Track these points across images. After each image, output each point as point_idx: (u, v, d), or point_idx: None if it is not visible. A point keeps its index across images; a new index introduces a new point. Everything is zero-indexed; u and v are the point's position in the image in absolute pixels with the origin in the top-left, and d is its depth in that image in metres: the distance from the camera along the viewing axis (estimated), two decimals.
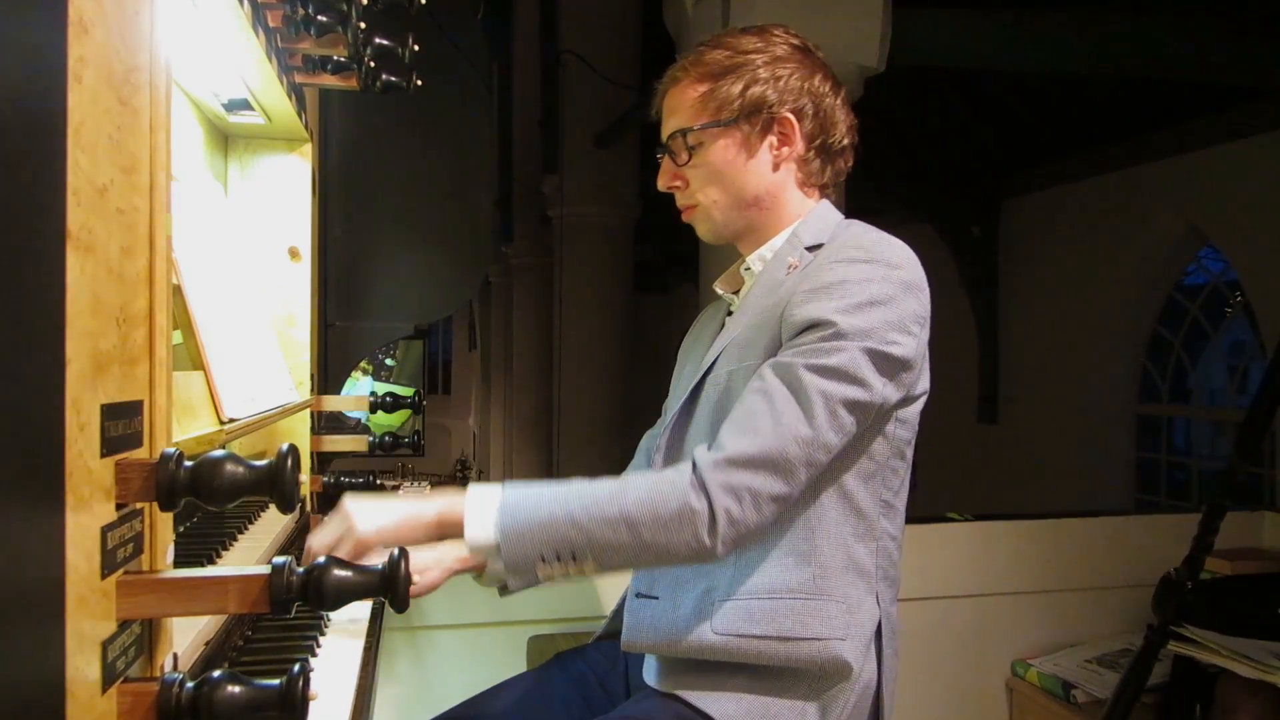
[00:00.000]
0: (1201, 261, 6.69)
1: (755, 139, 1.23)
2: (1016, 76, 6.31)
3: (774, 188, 1.25)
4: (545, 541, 1.04)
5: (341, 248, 2.40)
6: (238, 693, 0.71)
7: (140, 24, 0.72)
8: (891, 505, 1.20)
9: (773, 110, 1.22)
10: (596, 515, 1.04)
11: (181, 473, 0.68)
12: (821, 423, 1.05)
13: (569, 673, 1.35)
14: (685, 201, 1.29)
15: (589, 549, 1.04)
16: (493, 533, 1.05)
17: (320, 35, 1.35)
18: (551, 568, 1.05)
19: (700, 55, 1.25)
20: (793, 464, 1.04)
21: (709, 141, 1.24)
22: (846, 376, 1.06)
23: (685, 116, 1.25)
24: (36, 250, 0.56)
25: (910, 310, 1.12)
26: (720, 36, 1.27)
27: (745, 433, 1.05)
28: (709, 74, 1.23)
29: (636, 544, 1.04)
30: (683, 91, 1.25)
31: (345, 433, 2.01)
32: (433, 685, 2.04)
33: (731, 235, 1.30)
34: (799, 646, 1.12)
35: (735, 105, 1.21)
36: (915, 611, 2.34)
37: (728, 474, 1.04)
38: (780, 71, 1.22)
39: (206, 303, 1.23)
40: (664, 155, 1.29)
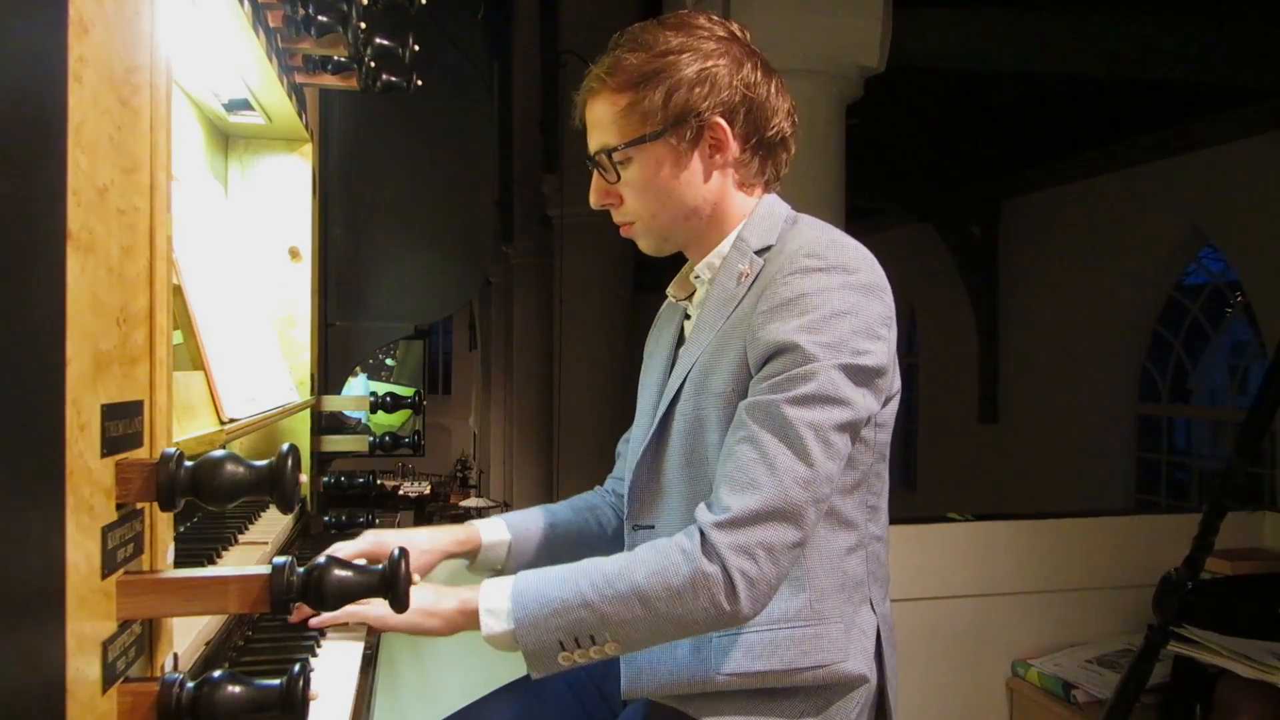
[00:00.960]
0: (1201, 261, 6.70)
1: (685, 149, 1.14)
2: (1016, 76, 6.30)
3: (711, 195, 1.18)
4: (560, 628, 1.02)
5: (341, 248, 2.40)
6: (238, 693, 0.71)
7: (140, 24, 0.72)
8: (876, 508, 1.19)
9: (701, 117, 1.13)
10: (608, 594, 1.02)
11: (182, 473, 0.68)
12: (818, 457, 1.02)
13: (566, 678, 1.34)
14: (621, 219, 1.23)
15: (606, 630, 1.02)
16: (509, 624, 1.04)
17: (320, 35, 1.35)
18: (573, 654, 1.03)
19: (618, 61, 1.15)
20: (800, 508, 1.01)
21: (637, 157, 1.16)
22: (828, 400, 1.02)
23: (607, 132, 1.17)
24: (37, 250, 0.56)
25: (875, 314, 1.08)
26: (639, 34, 1.17)
27: (744, 488, 1.02)
28: (628, 82, 1.14)
29: (653, 618, 1.01)
30: (604, 104, 1.17)
31: (345, 433, 2.01)
32: (433, 685, 2.04)
33: (674, 247, 1.24)
34: (801, 675, 1.11)
35: (659, 117, 1.12)
36: (915, 611, 2.34)
37: (736, 535, 1.00)
38: (706, 70, 1.12)
39: (207, 303, 1.23)
40: (594, 169, 1.22)
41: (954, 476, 8.71)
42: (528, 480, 9.86)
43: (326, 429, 1.96)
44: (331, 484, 1.87)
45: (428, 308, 2.65)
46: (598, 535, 1.39)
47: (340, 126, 2.35)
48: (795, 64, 3.17)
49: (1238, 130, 5.74)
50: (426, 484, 12.20)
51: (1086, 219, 7.11)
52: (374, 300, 2.49)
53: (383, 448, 1.94)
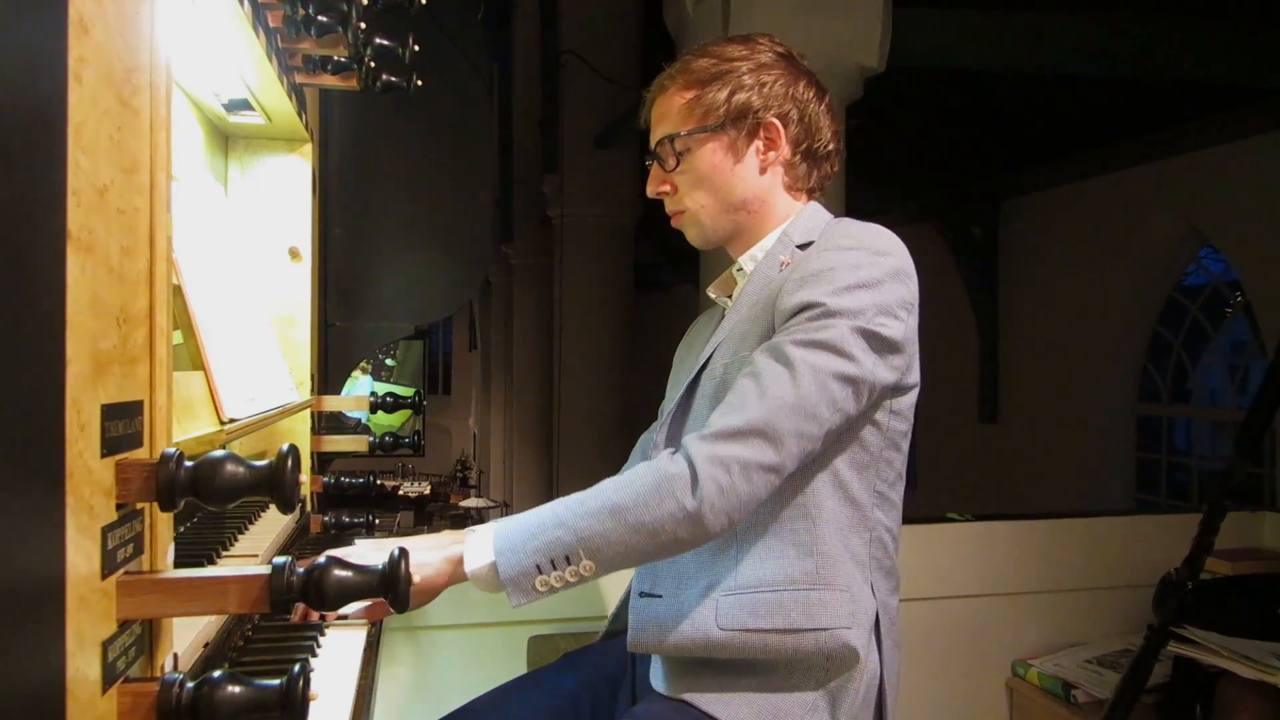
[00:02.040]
0: (1201, 261, 6.69)
1: (741, 144, 1.25)
2: (1016, 76, 6.30)
3: (761, 191, 1.27)
4: (538, 549, 1.05)
5: (341, 248, 2.40)
6: (238, 693, 0.71)
7: (140, 24, 0.72)
8: (886, 497, 1.20)
9: (758, 115, 1.24)
10: (580, 511, 1.06)
11: (182, 473, 0.69)
12: (809, 391, 1.05)
13: (578, 674, 1.35)
14: (674, 207, 1.31)
15: (580, 547, 1.04)
16: (489, 554, 1.07)
17: (320, 35, 1.35)
18: (549, 576, 1.05)
19: (687, 64, 1.27)
20: (780, 433, 1.04)
21: (696, 147, 1.26)
22: (835, 350, 1.07)
23: (672, 123, 1.27)
24: (37, 250, 0.56)
25: (898, 295, 1.13)
26: (706, 45, 1.29)
27: (731, 410, 1.06)
28: (695, 81, 1.26)
29: (624, 528, 1.03)
30: (670, 99, 1.28)
31: (345, 433, 2.01)
32: (433, 685, 2.04)
33: (720, 239, 1.32)
34: (805, 637, 1.12)
35: (721, 111, 1.24)
36: (915, 611, 2.34)
37: (713, 446, 1.04)
38: (765, 78, 1.25)
39: (207, 303, 1.23)
40: (653, 162, 1.31)
41: (954, 476, 8.71)
42: (528, 480, 9.86)
43: (326, 429, 1.96)
44: (331, 484, 1.87)
45: (428, 308, 2.65)
46: None
47: (340, 126, 2.35)
48: None
49: (1238, 130, 5.73)
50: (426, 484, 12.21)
51: (1087, 219, 7.11)
52: (374, 300, 2.49)
53: (382, 448, 1.93)
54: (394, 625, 1.99)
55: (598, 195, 7.40)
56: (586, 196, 7.38)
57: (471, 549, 1.09)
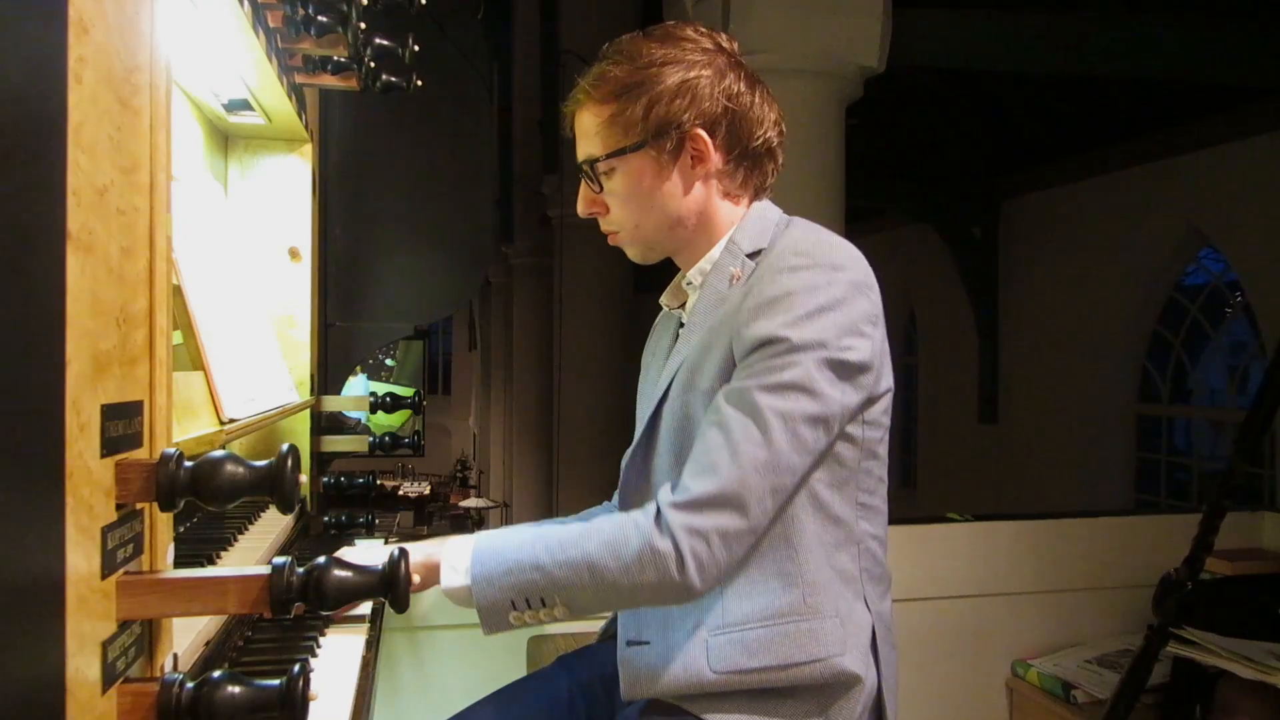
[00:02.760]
0: (1201, 261, 6.69)
1: (667, 160, 1.16)
2: (1016, 76, 6.30)
3: (696, 206, 1.19)
4: (513, 587, 1.05)
5: (341, 248, 2.40)
6: (238, 693, 0.71)
7: (140, 24, 0.72)
8: (869, 506, 1.18)
9: (681, 128, 1.14)
10: (560, 559, 1.04)
11: (181, 473, 0.69)
12: (781, 445, 1.02)
13: (572, 677, 1.34)
14: (608, 227, 1.24)
15: (556, 593, 1.05)
16: (465, 579, 1.07)
17: (320, 35, 1.35)
18: (523, 614, 1.06)
19: (603, 73, 1.17)
20: (757, 495, 1.02)
21: (620, 168, 1.17)
22: (802, 390, 1.03)
23: (592, 143, 1.19)
24: (37, 250, 0.56)
25: (861, 311, 1.09)
26: (625, 45, 1.19)
27: (705, 471, 1.03)
28: (611, 94, 1.16)
29: (601, 586, 1.04)
30: (588, 115, 1.19)
31: (345, 433, 2.01)
32: (433, 685, 2.04)
33: (662, 255, 1.26)
34: (801, 671, 1.11)
35: (639, 128, 1.14)
36: (915, 611, 2.34)
37: (690, 516, 1.02)
38: (687, 81, 1.14)
39: (206, 303, 1.23)
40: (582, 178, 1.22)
41: (954, 476, 8.70)
42: (527, 480, 9.86)
43: (326, 429, 1.95)
44: (331, 484, 1.87)
45: (428, 308, 2.64)
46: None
47: (340, 126, 2.35)
48: (795, 64, 3.17)
49: (1238, 130, 5.74)
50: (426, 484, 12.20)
51: (1086, 219, 7.11)
52: (374, 300, 2.49)
53: (382, 448, 1.94)
54: (394, 625, 1.99)
55: None
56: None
57: (449, 565, 1.09)
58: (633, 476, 1.22)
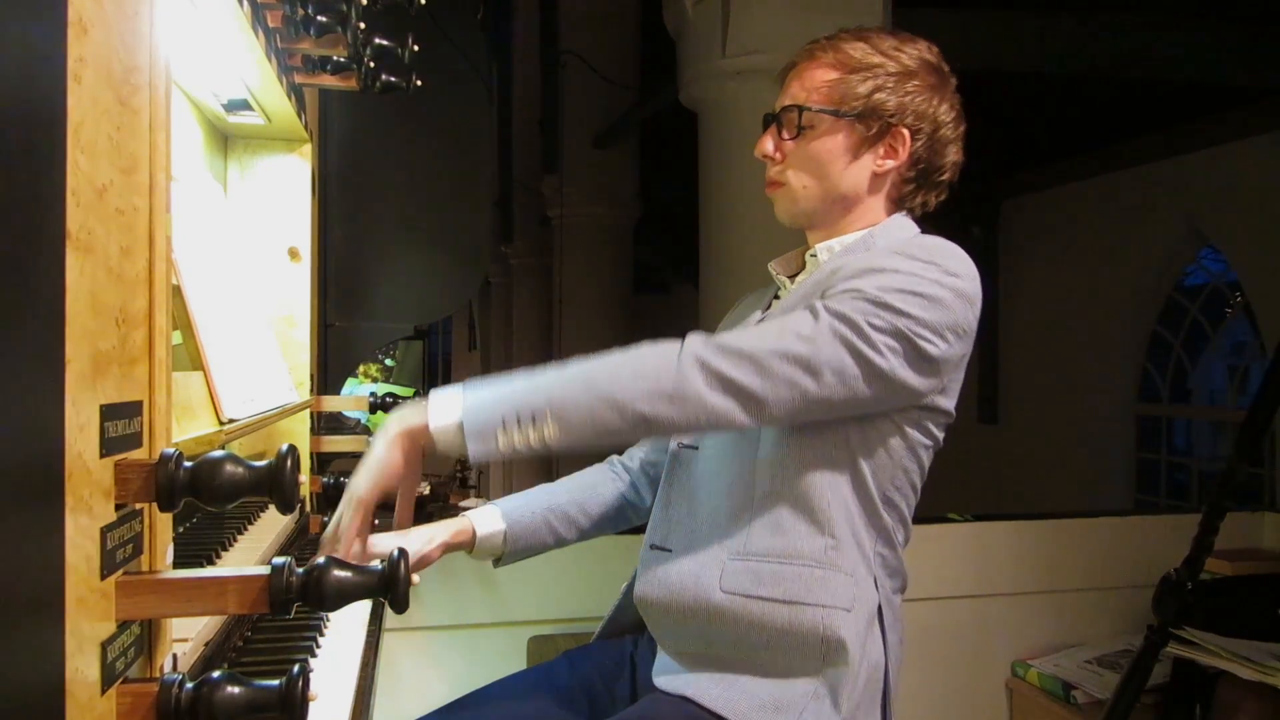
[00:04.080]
0: (1201, 261, 6.69)
1: (864, 142, 1.22)
2: (1016, 76, 6.29)
3: (864, 193, 1.25)
4: (506, 405, 1.02)
5: (341, 248, 2.40)
6: (237, 693, 0.70)
7: (140, 24, 0.72)
8: (896, 505, 1.21)
9: (890, 120, 1.20)
10: (555, 377, 1.05)
11: (181, 473, 0.68)
12: (822, 350, 1.04)
13: (576, 671, 1.35)
14: (776, 175, 1.27)
15: (548, 407, 1.02)
16: (457, 412, 1.04)
17: (320, 35, 1.35)
18: (512, 434, 1.02)
19: (839, 42, 1.24)
20: (774, 371, 1.04)
21: (819, 125, 1.22)
22: (860, 332, 1.05)
23: (807, 95, 1.23)
24: (36, 250, 0.56)
25: (953, 318, 1.10)
26: (864, 30, 1.26)
27: (748, 334, 1.07)
28: (844, 63, 1.22)
29: (591, 395, 1.02)
30: (813, 70, 1.24)
31: (345, 433, 2.01)
32: (433, 685, 2.04)
33: (806, 223, 1.29)
34: (803, 612, 1.12)
35: (858, 103, 1.20)
36: (915, 611, 2.33)
37: (707, 351, 1.03)
38: (910, 85, 1.21)
39: (206, 303, 1.23)
40: (772, 125, 1.26)
41: (954, 476, 8.67)
42: (527, 480, 9.83)
43: (326, 429, 1.95)
44: (331, 484, 1.87)
45: (427, 308, 2.65)
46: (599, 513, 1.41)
47: (340, 126, 2.35)
48: None
49: (1238, 130, 5.73)
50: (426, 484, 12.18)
51: (1086, 219, 7.10)
52: (374, 300, 2.49)
53: None
54: (394, 625, 1.99)
55: (597, 196, 7.39)
56: (586, 197, 7.38)
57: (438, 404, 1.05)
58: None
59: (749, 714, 1.11)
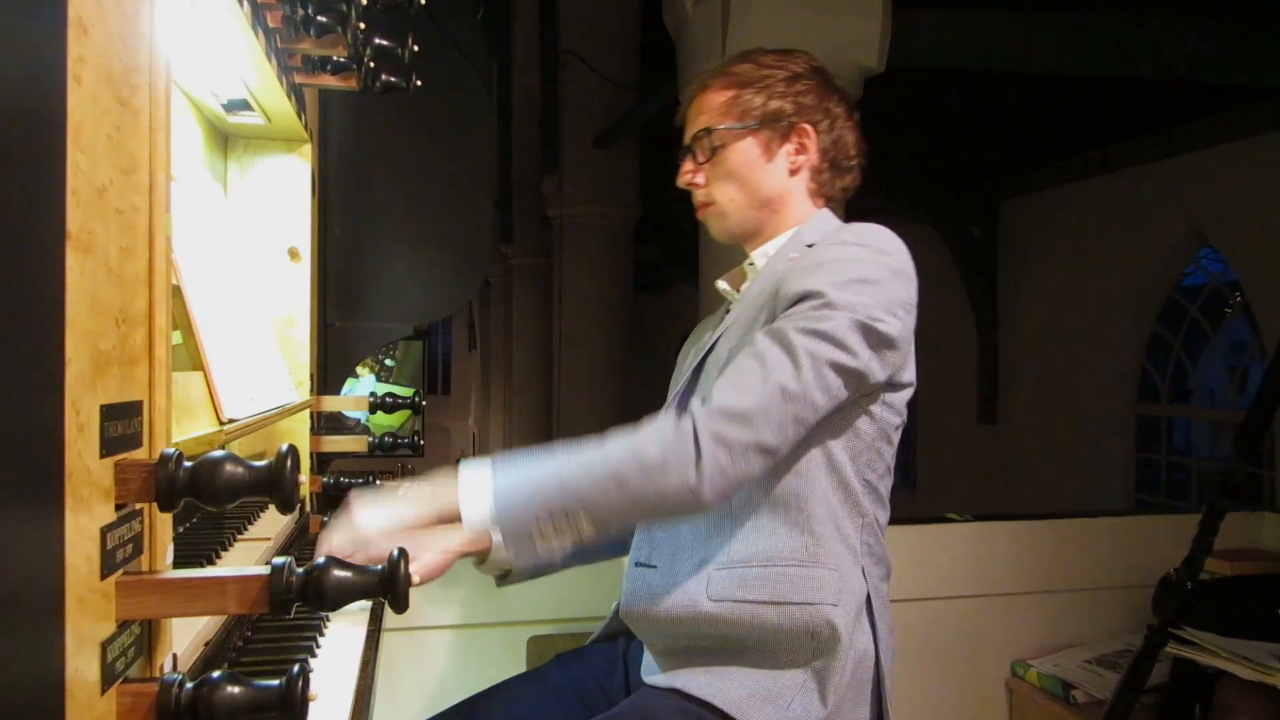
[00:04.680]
0: (1201, 261, 6.69)
1: (774, 144, 1.30)
2: (1016, 76, 6.30)
3: (786, 192, 1.32)
4: (539, 507, 1.06)
5: (341, 248, 2.40)
6: (237, 693, 0.71)
7: (140, 24, 0.72)
8: (875, 489, 1.24)
9: (792, 119, 1.30)
10: (583, 473, 1.07)
11: (181, 473, 0.68)
12: (809, 380, 1.09)
13: (568, 674, 1.36)
14: (703, 198, 1.35)
15: (581, 507, 1.06)
16: (488, 508, 1.07)
17: (320, 35, 1.35)
18: (548, 536, 1.06)
19: (727, 66, 1.34)
20: (780, 418, 1.08)
21: (731, 141, 1.31)
22: (834, 341, 1.11)
23: (710, 117, 1.32)
24: (36, 250, 0.56)
25: (897, 295, 1.17)
26: (747, 52, 1.36)
27: (735, 388, 1.10)
28: (735, 82, 1.32)
29: (624, 497, 1.06)
30: (709, 95, 1.33)
31: (345, 433, 2.01)
32: (433, 685, 2.04)
33: (742, 235, 1.36)
34: (791, 611, 1.14)
35: (757, 113, 1.29)
36: (915, 611, 2.34)
37: (717, 424, 1.07)
38: (799, 88, 1.30)
39: (206, 303, 1.23)
40: (687, 156, 1.35)
41: (954, 476, 8.70)
42: None
43: (325, 429, 1.95)
44: (330, 484, 1.87)
45: (427, 308, 2.64)
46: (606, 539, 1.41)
47: (340, 126, 2.35)
48: None
49: (1238, 130, 5.73)
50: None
51: (1086, 219, 7.11)
52: (374, 300, 2.49)
53: (382, 448, 1.93)
54: (394, 625, 1.99)
55: (597, 195, 7.39)
56: (586, 197, 7.38)
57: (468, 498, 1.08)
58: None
59: (738, 702, 1.13)
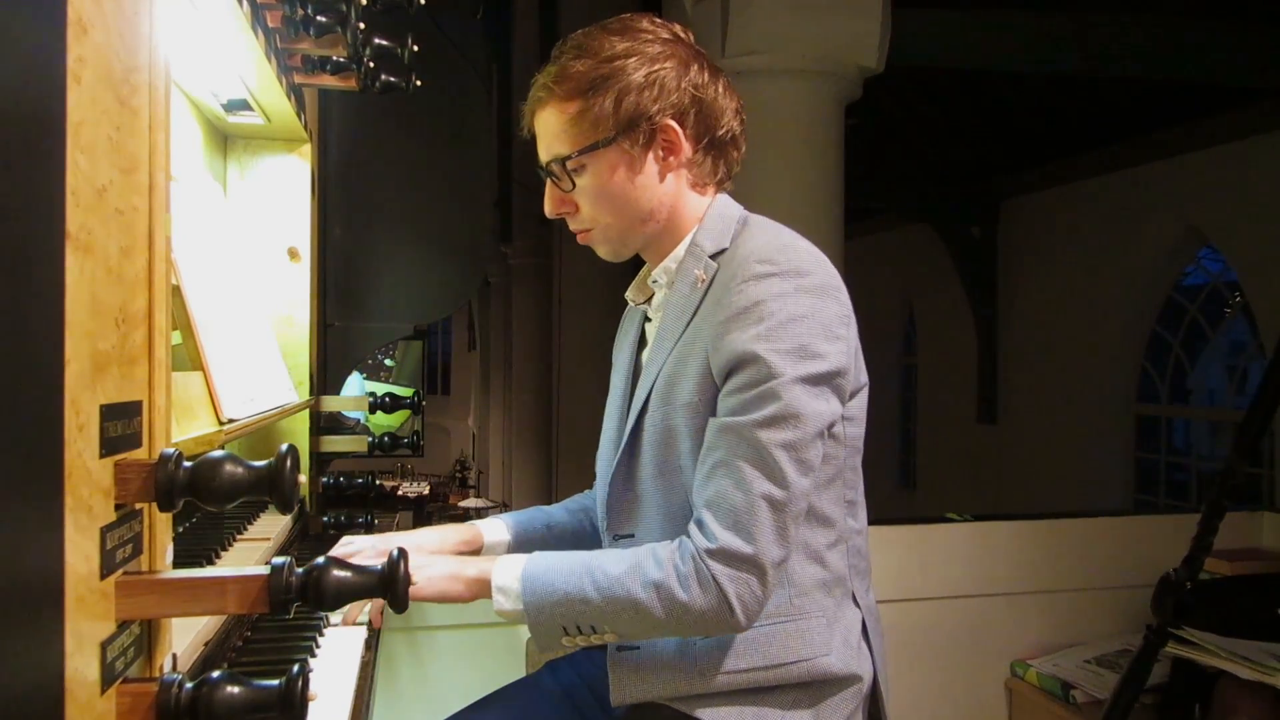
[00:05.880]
0: (1201, 261, 6.69)
1: (639, 153, 1.14)
2: (1016, 76, 6.30)
3: (666, 198, 1.18)
4: (565, 617, 1.07)
5: (341, 248, 2.40)
6: (237, 693, 0.71)
7: (140, 24, 0.72)
8: (853, 502, 1.20)
9: (652, 120, 1.13)
10: (609, 597, 1.05)
11: (180, 473, 0.68)
12: (793, 478, 1.04)
13: (560, 681, 1.35)
14: (578, 226, 1.23)
15: (606, 625, 1.07)
16: (519, 605, 1.08)
17: (319, 35, 1.35)
18: (574, 639, 1.08)
19: (565, 70, 1.14)
20: (779, 528, 1.04)
21: (590, 164, 1.15)
22: (794, 417, 1.04)
23: (560, 141, 1.16)
24: (36, 250, 0.56)
25: (831, 314, 1.09)
26: (583, 40, 1.17)
27: (732, 523, 1.04)
28: (577, 90, 1.13)
29: (648, 624, 1.06)
30: (554, 113, 1.16)
31: (344, 433, 2.01)
32: (432, 685, 2.04)
33: (632, 252, 1.25)
34: (788, 670, 1.12)
35: (610, 123, 1.12)
36: (915, 611, 2.34)
37: (732, 570, 1.03)
38: (654, 73, 1.13)
39: (206, 303, 1.23)
40: (547, 178, 1.20)
41: (953, 477, 8.70)
42: (527, 480, 9.86)
43: (325, 429, 1.95)
44: (330, 484, 1.87)
45: (427, 308, 2.64)
46: (593, 536, 1.40)
47: (340, 126, 2.35)
48: (794, 64, 3.17)
49: (1238, 130, 5.73)
50: (425, 484, 12.20)
51: (1086, 219, 7.11)
52: (373, 300, 2.49)
53: (381, 448, 1.93)
54: (394, 625, 1.99)
55: None
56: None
57: (500, 588, 1.09)
58: (618, 487, 1.21)
59: None
